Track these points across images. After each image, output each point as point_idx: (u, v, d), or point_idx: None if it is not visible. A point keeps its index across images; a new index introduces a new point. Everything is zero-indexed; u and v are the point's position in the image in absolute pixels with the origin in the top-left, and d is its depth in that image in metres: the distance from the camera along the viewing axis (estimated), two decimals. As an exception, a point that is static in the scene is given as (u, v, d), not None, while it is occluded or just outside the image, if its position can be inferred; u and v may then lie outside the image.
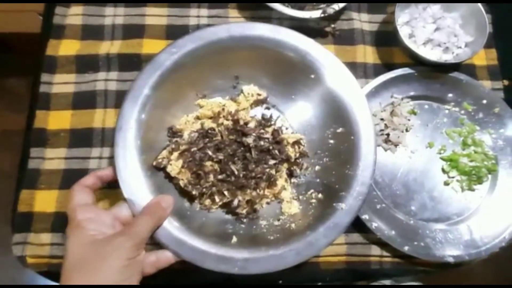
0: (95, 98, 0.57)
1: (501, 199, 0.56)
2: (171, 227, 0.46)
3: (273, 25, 0.54)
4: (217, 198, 0.50)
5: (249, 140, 0.50)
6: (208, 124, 0.52)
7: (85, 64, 0.59)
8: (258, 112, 0.57)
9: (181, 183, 0.50)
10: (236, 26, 0.53)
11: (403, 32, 0.61)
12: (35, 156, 0.55)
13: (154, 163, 0.50)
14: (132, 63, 0.59)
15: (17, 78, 1.31)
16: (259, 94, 0.56)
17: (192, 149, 0.49)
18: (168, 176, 0.51)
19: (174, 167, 0.50)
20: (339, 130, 0.53)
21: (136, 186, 0.46)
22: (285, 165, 0.54)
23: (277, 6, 0.57)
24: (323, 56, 0.53)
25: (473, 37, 0.60)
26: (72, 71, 0.58)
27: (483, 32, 0.58)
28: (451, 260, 0.52)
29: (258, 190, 0.50)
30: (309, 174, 0.54)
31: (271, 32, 0.53)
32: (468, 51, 0.60)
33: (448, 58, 0.60)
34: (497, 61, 0.64)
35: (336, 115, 0.53)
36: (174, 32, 0.61)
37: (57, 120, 0.56)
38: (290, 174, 0.55)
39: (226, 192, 0.50)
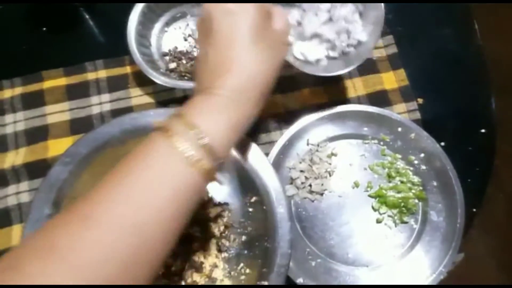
0: (9, 215, 0.56)
1: (435, 225, 0.55)
2: None
3: (165, 108, 0.52)
4: (145, 298, 0.49)
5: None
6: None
7: (-7, 181, 0.57)
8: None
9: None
10: (128, 118, 0.52)
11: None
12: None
13: None
14: (40, 168, 0.57)
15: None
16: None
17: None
18: None
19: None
20: (253, 199, 0.51)
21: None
22: (213, 240, 0.53)
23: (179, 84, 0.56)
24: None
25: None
26: (-18, 191, 0.57)
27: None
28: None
29: (185, 281, 0.49)
30: (237, 246, 0.53)
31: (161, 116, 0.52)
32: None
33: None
34: (407, 81, 0.62)
35: (248, 185, 0.51)
36: (78, 126, 0.59)
37: (-25, 246, 0.55)
38: (219, 249, 0.53)
39: (153, 291, 0.48)
